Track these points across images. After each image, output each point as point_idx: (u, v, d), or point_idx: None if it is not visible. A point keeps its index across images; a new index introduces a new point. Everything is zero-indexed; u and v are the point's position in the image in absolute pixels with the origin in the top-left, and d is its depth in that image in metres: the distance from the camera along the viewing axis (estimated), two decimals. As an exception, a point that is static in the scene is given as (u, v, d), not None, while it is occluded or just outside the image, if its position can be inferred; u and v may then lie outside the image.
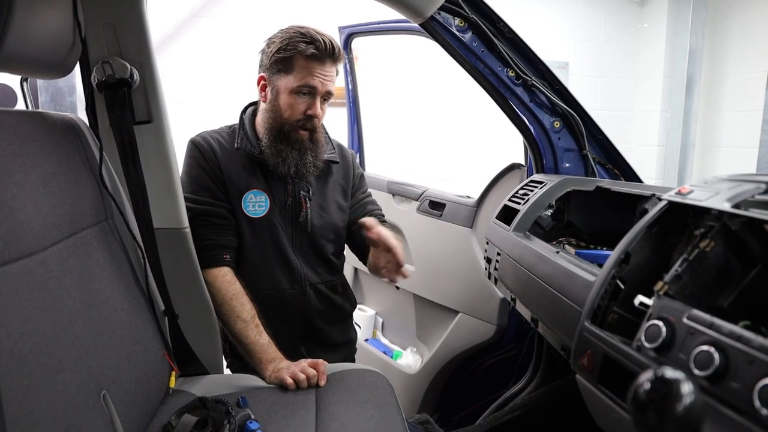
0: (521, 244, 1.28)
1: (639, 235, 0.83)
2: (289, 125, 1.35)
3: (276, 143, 1.36)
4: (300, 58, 1.30)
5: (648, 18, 4.75)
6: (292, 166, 1.36)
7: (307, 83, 1.31)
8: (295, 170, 1.37)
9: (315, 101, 1.33)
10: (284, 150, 1.36)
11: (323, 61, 1.30)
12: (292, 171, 1.37)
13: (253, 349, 1.29)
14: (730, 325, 0.59)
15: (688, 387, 0.47)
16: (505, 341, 1.95)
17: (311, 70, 1.30)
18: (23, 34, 0.78)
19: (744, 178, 0.79)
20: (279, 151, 1.36)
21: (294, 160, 1.36)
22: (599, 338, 0.78)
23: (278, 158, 1.36)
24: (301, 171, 1.38)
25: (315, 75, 1.30)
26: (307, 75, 1.30)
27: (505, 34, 1.54)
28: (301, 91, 1.32)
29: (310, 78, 1.30)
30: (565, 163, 1.65)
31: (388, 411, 1.14)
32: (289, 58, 1.30)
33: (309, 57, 1.29)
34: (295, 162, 1.36)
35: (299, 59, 1.30)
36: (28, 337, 0.69)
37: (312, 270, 1.46)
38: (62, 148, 0.92)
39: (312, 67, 1.30)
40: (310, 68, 1.30)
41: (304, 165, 1.38)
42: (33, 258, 0.74)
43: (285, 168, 1.36)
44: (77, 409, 0.75)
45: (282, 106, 1.34)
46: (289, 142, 1.36)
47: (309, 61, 1.30)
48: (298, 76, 1.31)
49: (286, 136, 1.36)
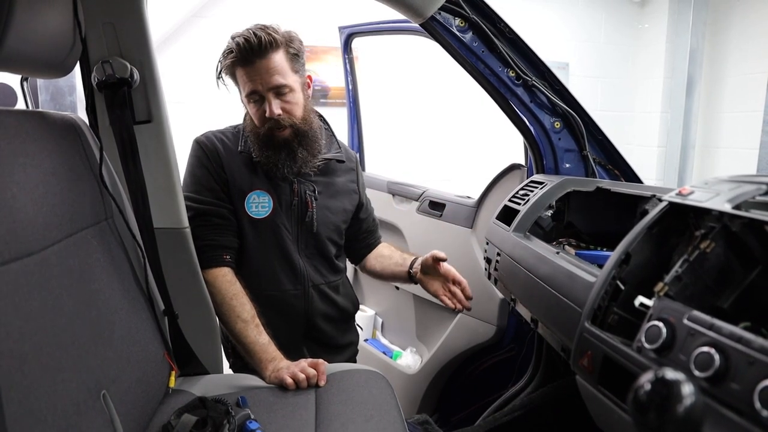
0: (521, 244, 1.28)
1: (639, 235, 0.83)
2: (262, 131, 1.35)
3: (263, 151, 1.36)
4: (236, 69, 1.30)
5: (648, 19, 4.75)
6: (286, 167, 1.36)
7: (248, 91, 1.30)
8: (292, 170, 1.37)
9: (267, 102, 1.31)
10: (272, 155, 1.35)
11: (251, 62, 1.28)
12: (286, 171, 1.37)
13: (253, 348, 1.29)
14: (730, 327, 0.59)
15: (689, 388, 0.47)
16: (504, 342, 1.94)
17: (244, 76, 1.29)
18: (23, 34, 0.78)
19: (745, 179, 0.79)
20: (268, 157, 1.36)
21: (284, 161, 1.36)
22: (599, 339, 0.78)
23: (270, 164, 1.36)
24: (301, 168, 1.38)
25: (249, 79, 1.29)
26: (247, 82, 1.29)
27: (505, 34, 1.54)
28: (251, 99, 1.32)
29: (247, 84, 1.30)
30: (566, 163, 1.65)
31: (387, 411, 1.14)
32: (230, 74, 1.32)
33: (236, 65, 1.28)
34: (286, 163, 1.36)
35: (236, 70, 1.30)
36: (28, 336, 0.68)
37: (315, 270, 1.46)
38: (62, 147, 0.92)
39: (244, 73, 1.29)
40: (244, 75, 1.29)
41: (301, 162, 1.37)
42: (33, 257, 0.74)
43: (280, 171, 1.36)
44: (77, 408, 0.75)
45: (250, 117, 1.36)
46: (272, 146, 1.35)
47: (239, 68, 1.29)
48: (242, 85, 1.32)
49: (268, 142, 1.35)
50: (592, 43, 4.77)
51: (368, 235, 1.66)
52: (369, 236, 1.66)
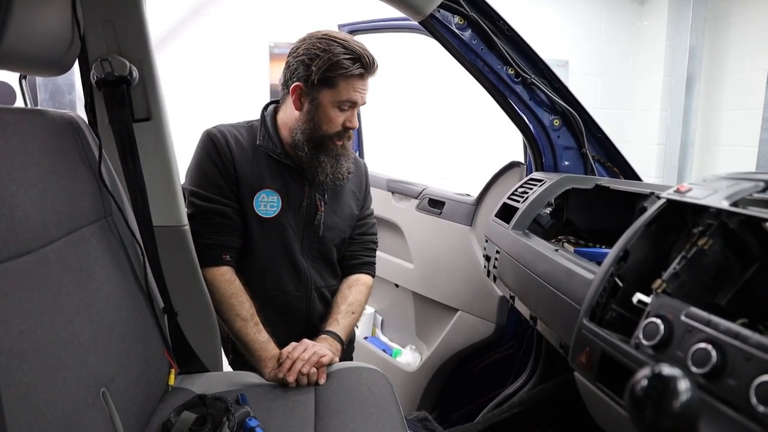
0: (520, 242, 1.28)
1: (638, 233, 0.83)
2: (328, 137, 1.36)
3: (316, 153, 1.37)
4: (346, 76, 1.30)
5: (648, 16, 4.75)
6: (329, 174, 1.38)
7: (350, 99, 1.32)
8: (332, 177, 1.39)
9: (353, 114, 1.35)
10: (325, 160, 1.37)
11: (365, 78, 1.33)
12: (329, 179, 1.39)
13: (253, 346, 1.30)
14: (727, 323, 0.59)
15: (685, 384, 0.47)
16: (504, 339, 1.95)
17: (355, 87, 1.32)
18: (22, 32, 0.78)
19: (743, 176, 0.79)
20: (319, 161, 1.37)
21: (332, 169, 1.38)
22: (598, 336, 0.78)
23: (318, 167, 1.37)
24: (338, 177, 1.40)
25: (357, 91, 1.32)
26: (352, 91, 1.31)
27: (504, 32, 1.54)
28: (345, 107, 1.33)
29: (353, 94, 1.32)
30: (565, 161, 1.65)
31: (387, 408, 1.14)
32: (336, 76, 1.30)
33: (354, 74, 1.30)
34: (332, 170, 1.38)
35: (345, 77, 1.30)
36: (28, 334, 0.69)
37: (318, 273, 1.46)
38: (61, 145, 0.92)
39: (356, 84, 1.32)
40: (354, 85, 1.31)
41: (340, 172, 1.40)
42: (32, 255, 0.74)
43: (323, 176, 1.38)
44: (77, 406, 0.76)
45: (322, 118, 1.34)
46: (327, 151, 1.37)
47: (354, 78, 1.31)
48: (343, 92, 1.31)
49: (325, 147, 1.37)
50: (591, 40, 4.77)
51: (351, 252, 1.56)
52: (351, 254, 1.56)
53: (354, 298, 1.47)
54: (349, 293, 1.48)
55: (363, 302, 1.51)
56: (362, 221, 1.57)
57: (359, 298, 1.49)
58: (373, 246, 1.60)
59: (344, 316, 1.43)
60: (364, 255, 1.56)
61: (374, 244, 1.61)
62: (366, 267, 1.56)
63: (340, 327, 1.40)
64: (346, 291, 1.49)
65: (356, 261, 1.55)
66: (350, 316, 1.44)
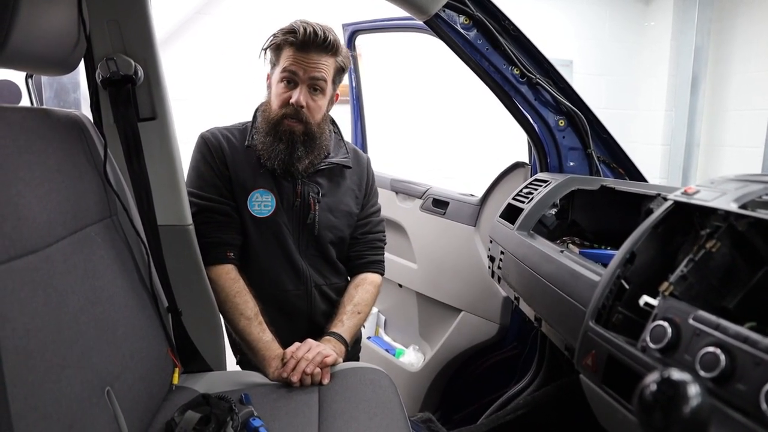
0: (525, 243, 1.28)
1: (644, 235, 0.82)
2: (275, 116, 1.34)
3: (265, 136, 1.35)
4: (285, 49, 1.30)
5: (653, 16, 4.73)
6: (277, 159, 1.34)
7: (287, 68, 1.30)
8: (282, 164, 1.34)
9: (297, 89, 1.31)
10: (269, 142, 1.34)
11: (306, 50, 1.29)
12: (277, 165, 1.34)
13: (257, 346, 1.30)
14: (736, 327, 0.58)
15: (695, 389, 0.47)
16: (507, 340, 1.94)
17: (292, 57, 1.30)
18: (28, 31, 0.78)
19: (751, 178, 0.78)
20: (264, 143, 1.34)
21: (280, 153, 1.33)
22: (604, 338, 0.78)
23: (264, 151, 1.35)
24: (289, 166, 1.35)
25: (295, 61, 1.30)
26: (288, 62, 1.30)
27: (509, 31, 1.53)
28: (285, 79, 1.31)
29: (291, 65, 1.30)
30: (570, 161, 1.64)
31: (390, 409, 1.14)
32: (277, 49, 1.31)
33: (291, 45, 1.29)
34: (280, 156, 1.33)
35: (285, 49, 1.30)
36: (33, 333, 0.69)
37: (317, 272, 1.46)
38: (67, 144, 0.92)
39: (294, 55, 1.30)
40: (292, 56, 1.30)
41: (294, 160, 1.34)
42: (38, 254, 0.74)
43: (271, 162, 1.34)
44: (81, 405, 0.76)
45: (272, 97, 1.35)
46: (276, 134, 1.34)
47: (292, 49, 1.30)
48: (281, 64, 1.31)
49: (274, 129, 1.34)
50: (596, 40, 4.76)
51: (356, 252, 1.54)
52: (356, 254, 1.54)
53: (360, 298, 1.46)
54: (355, 293, 1.47)
55: (370, 301, 1.49)
56: (366, 220, 1.55)
57: (366, 297, 1.48)
58: (379, 244, 1.58)
59: (349, 317, 1.42)
60: (370, 254, 1.55)
61: (381, 243, 1.59)
62: (373, 266, 1.55)
63: (345, 328, 1.39)
64: (352, 291, 1.48)
65: (362, 260, 1.54)
66: (356, 316, 1.43)
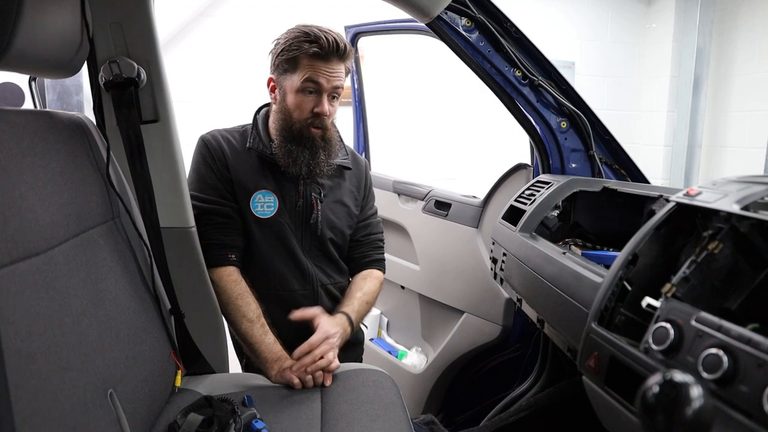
0: (527, 244, 1.28)
1: (647, 236, 0.82)
2: (298, 124, 1.34)
3: (286, 143, 1.35)
4: (304, 57, 1.29)
5: (655, 17, 4.72)
6: (303, 165, 1.36)
7: (311, 79, 1.30)
8: (307, 170, 1.36)
9: (322, 98, 1.32)
10: (295, 150, 1.35)
11: (328, 59, 1.30)
12: (304, 171, 1.36)
13: (259, 348, 1.30)
14: (738, 328, 0.58)
15: (698, 391, 0.47)
16: (510, 342, 1.94)
17: (315, 67, 1.30)
18: (32, 34, 0.78)
19: (753, 179, 0.78)
20: (290, 151, 1.35)
21: (305, 160, 1.35)
22: (606, 340, 0.78)
23: (289, 158, 1.35)
24: (314, 170, 1.37)
25: (319, 72, 1.30)
26: (311, 72, 1.30)
27: (511, 33, 1.53)
28: (307, 89, 1.31)
29: (314, 75, 1.30)
30: (572, 163, 1.64)
31: (393, 411, 1.14)
32: (294, 58, 1.30)
33: (312, 56, 1.29)
34: (306, 161, 1.36)
35: (303, 58, 1.29)
36: (36, 336, 0.69)
37: (322, 271, 1.46)
38: (70, 147, 0.93)
39: (316, 65, 1.30)
40: (314, 66, 1.30)
41: (317, 164, 1.37)
42: (40, 257, 0.75)
43: (296, 168, 1.36)
44: (84, 407, 0.76)
45: (290, 106, 1.34)
46: (300, 141, 1.35)
47: (312, 59, 1.29)
48: (303, 74, 1.30)
49: (297, 136, 1.35)
50: (598, 42, 4.75)
51: (360, 253, 1.56)
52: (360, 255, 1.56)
53: (368, 288, 1.50)
54: (363, 283, 1.50)
55: (376, 293, 1.52)
56: (366, 221, 1.56)
57: (373, 289, 1.51)
58: (380, 244, 1.61)
59: (359, 302, 1.45)
60: (373, 253, 1.57)
61: (381, 242, 1.62)
62: (376, 264, 1.58)
63: (355, 310, 1.42)
64: (360, 282, 1.51)
65: (367, 259, 1.56)
66: (364, 304, 1.46)
